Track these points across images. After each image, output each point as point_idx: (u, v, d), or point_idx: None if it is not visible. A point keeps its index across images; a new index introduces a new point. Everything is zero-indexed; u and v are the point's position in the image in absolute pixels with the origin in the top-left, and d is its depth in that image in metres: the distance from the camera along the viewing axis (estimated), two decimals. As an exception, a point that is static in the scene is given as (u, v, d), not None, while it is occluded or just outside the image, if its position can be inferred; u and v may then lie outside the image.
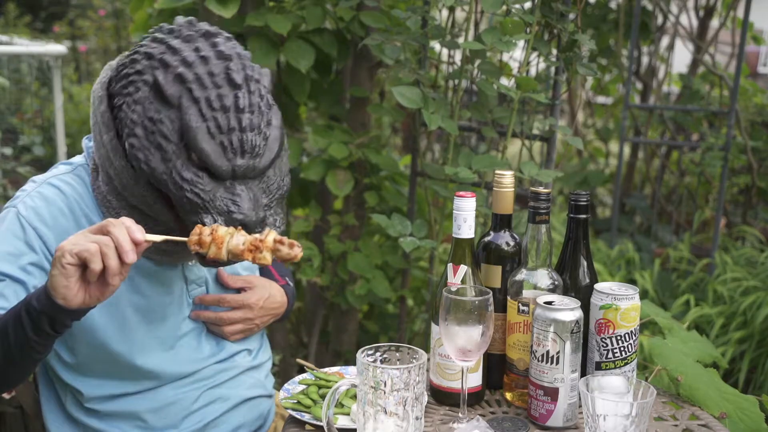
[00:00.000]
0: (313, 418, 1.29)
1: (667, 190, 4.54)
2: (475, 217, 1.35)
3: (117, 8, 6.88)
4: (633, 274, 3.46)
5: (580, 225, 1.37)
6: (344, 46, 2.55)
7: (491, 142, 3.02)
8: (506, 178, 1.37)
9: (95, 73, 6.96)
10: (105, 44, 7.07)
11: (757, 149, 3.88)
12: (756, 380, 2.98)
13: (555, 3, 2.07)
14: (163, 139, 1.20)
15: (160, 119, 1.20)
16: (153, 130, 1.20)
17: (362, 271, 2.49)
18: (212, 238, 1.16)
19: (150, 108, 1.20)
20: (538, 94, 2.02)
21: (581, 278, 1.38)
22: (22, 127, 4.25)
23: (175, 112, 1.19)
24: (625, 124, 3.74)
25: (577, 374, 1.27)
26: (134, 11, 2.63)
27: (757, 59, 8.06)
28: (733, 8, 4.08)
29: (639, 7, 3.60)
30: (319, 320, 2.83)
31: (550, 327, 1.25)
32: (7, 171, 4.02)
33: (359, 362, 1.12)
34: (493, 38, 2.00)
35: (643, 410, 1.09)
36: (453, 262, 1.34)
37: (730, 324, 3.10)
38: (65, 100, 5.13)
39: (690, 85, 4.13)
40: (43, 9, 8.89)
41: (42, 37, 7.24)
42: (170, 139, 1.19)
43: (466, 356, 1.23)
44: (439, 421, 1.32)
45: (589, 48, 2.06)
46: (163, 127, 1.19)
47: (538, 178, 2.10)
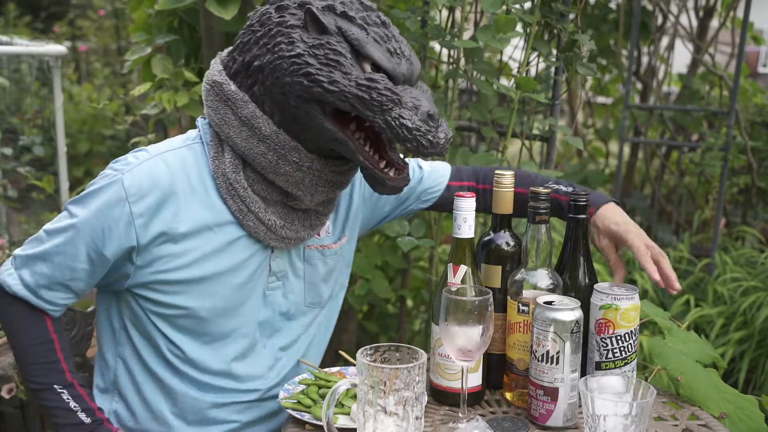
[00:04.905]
0: (313, 418, 1.29)
1: (667, 190, 4.54)
2: (475, 217, 1.35)
3: (117, 8, 6.88)
4: (633, 274, 3.47)
5: (580, 225, 1.37)
6: (344, 46, 2.54)
7: (491, 142, 3.02)
8: (506, 178, 1.37)
9: (95, 73, 6.96)
10: (105, 44, 7.06)
11: (757, 149, 3.89)
12: (756, 380, 2.98)
13: (555, 3, 2.07)
14: (338, 56, 1.24)
15: (327, 42, 1.25)
16: (324, 53, 1.24)
17: (362, 271, 2.49)
18: None
19: (311, 39, 1.25)
20: (538, 94, 2.02)
21: (581, 278, 1.38)
22: (22, 127, 4.25)
23: (336, 36, 1.26)
24: (625, 124, 3.74)
25: (577, 374, 1.27)
26: (133, 11, 2.63)
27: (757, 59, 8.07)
28: (733, 8, 4.08)
29: (639, 7, 3.61)
30: (319, 320, 2.83)
31: (550, 327, 1.25)
32: (7, 171, 4.02)
33: (359, 362, 1.12)
34: (487, 37, 2.01)
35: (643, 410, 1.09)
36: (453, 262, 1.34)
37: (730, 324, 3.10)
38: (65, 100, 5.13)
39: (690, 85, 4.14)
40: (43, 9, 8.89)
41: (42, 37, 7.24)
42: (345, 55, 1.25)
43: (466, 356, 1.23)
44: (439, 421, 1.32)
45: (589, 48, 2.06)
46: (333, 47, 1.25)
47: (538, 178, 2.09)
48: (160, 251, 1.32)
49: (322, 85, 1.24)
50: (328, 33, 1.26)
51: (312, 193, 1.35)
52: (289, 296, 1.46)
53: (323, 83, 1.24)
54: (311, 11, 1.25)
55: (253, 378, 1.45)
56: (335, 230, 1.52)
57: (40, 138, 4.21)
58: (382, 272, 2.57)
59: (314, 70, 1.24)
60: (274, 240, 1.38)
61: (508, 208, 1.39)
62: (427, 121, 1.24)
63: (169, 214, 1.31)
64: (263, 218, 1.35)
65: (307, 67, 1.24)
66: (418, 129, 1.23)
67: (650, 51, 4.40)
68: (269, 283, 1.43)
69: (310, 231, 1.41)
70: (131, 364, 1.43)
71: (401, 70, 1.27)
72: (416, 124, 1.23)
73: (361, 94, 1.23)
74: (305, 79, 1.24)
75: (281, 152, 1.30)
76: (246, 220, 1.35)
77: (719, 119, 4.12)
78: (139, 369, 1.43)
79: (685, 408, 1.40)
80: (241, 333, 1.42)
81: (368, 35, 1.26)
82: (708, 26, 4.23)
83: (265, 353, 1.46)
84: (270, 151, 1.30)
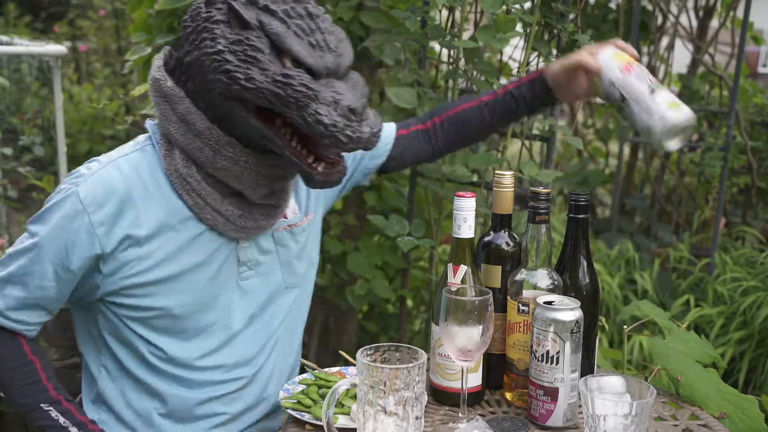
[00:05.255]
0: (313, 418, 1.29)
1: (667, 190, 4.54)
2: (475, 217, 1.35)
3: (117, 8, 6.88)
4: (633, 274, 3.47)
5: (579, 225, 1.37)
6: (344, 46, 2.54)
7: (491, 142, 3.01)
8: (506, 178, 1.37)
9: (95, 73, 6.96)
10: (105, 44, 7.06)
11: (757, 149, 3.89)
12: (756, 380, 2.98)
13: (555, 3, 2.07)
14: (256, 52, 1.23)
15: (246, 38, 1.24)
16: (243, 49, 1.24)
17: (362, 271, 2.49)
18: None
19: (232, 35, 1.25)
20: (538, 94, 2.02)
21: (581, 278, 1.38)
22: (22, 127, 4.25)
23: (257, 30, 1.24)
24: (625, 124, 3.74)
25: (577, 374, 1.27)
26: (133, 11, 2.63)
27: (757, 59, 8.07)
28: (733, 8, 4.08)
29: (639, 7, 3.61)
30: (319, 320, 2.83)
31: (550, 327, 1.25)
32: (7, 171, 4.02)
33: (359, 362, 1.12)
34: (487, 37, 2.00)
35: (643, 410, 1.09)
36: (453, 262, 1.34)
37: (730, 324, 3.10)
38: (65, 100, 5.13)
39: (690, 85, 4.14)
40: (43, 9, 8.89)
41: (42, 37, 7.24)
42: (263, 51, 1.23)
43: (466, 356, 1.23)
44: (439, 421, 1.32)
45: (589, 48, 2.06)
46: (252, 43, 1.24)
47: (538, 178, 2.10)
48: (125, 256, 1.32)
49: (239, 82, 1.23)
50: (249, 28, 1.24)
51: (253, 186, 1.34)
52: (268, 281, 1.47)
53: (240, 80, 1.23)
54: (232, 6, 1.24)
55: (238, 366, 1.45)
56: (301, 208, 1.52)
57: (40, 138, 4.21)
58: (382, 272, 2.56)
59: (232, 67, 1.23)
60: (234, 231, 1.37)
61: (508, 208, 1.39)
62: (347, 116, 1.22)
63: (129, 220, 1.31)
64: (220, 209, 1.34)
65: (226, 64, 1.24)
66: (335, 125, 1.21)
67: (650, 51, 4.40)
68: (240, 273, 1.43)
69: (270, 220, 1.41)
70: (114, 373, 1.43)
71: (325, 63, 1.25)
72: (333, 120, 1.21)
73: (277, 91, 1.22)
74: (224, 76, 1.24)
75: (216, 147, 1.30)
76: (203, 213, 1.35)
77: (719, 119, 4.12)
78: (122, 376, 1.43)
79: (685, 408, 1.40)
80: (219, 325, 1.42)
81: (289, 29, 1.24)
82: (708, 26, 4.23)
83: (248, 340, 1.46)
84: (206, 147, 1.31)
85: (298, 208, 1.52)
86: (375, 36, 2.36)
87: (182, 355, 1.40)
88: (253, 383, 1.48)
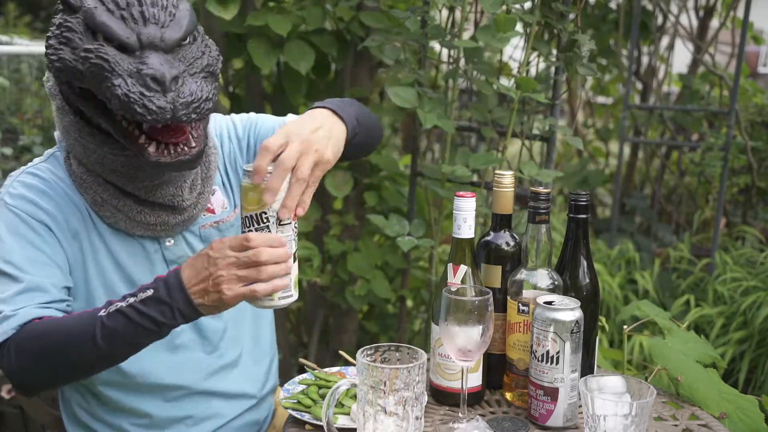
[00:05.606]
0: (313, 418, 1.29)
1: (667, 190, 4.54)
2: (475, 217, 1.35)
3: (117, 8, 6.86)
4: (633, 274, 3.47)
5: (580, 225, 1.37)
6: (344, 46, 2.55)
7: (491, 142, 3.02)
8: (506, 178, 1.37)
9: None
10: (105, 44, 7.06)
11: (757, 149, 3.89)
12: (756, 380, 2.98)
13: (555, 3, 2.07)
14: (70, 32, 1.21)
15: (65, 20, 1.23)
16: (60, 32, 1.23)
17: (362, 271, 2.49)
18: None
19: (59, 20, 1.24)
20: (538, 94, 2.02)
21: (581, 278, 1.38)
22: (22, 127, 4.25)
23: (79, 12, 1.22)
24: (625, 124, 3.74)
25: (577, 374, 1.27)
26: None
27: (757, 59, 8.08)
28: (733, 8, 4.08)
29: (639, 7, 3.61)
30: (319, 320, 2.83)
31: (550, 327, 1.25)
32: (7, 171, 4.02)
33: (359, 362, 1.12)
34: (486, 37, 2.01)
35: (643, 410, 1.09)
36: (453, 262, 1.34)
37: (730, 324, 3.10)
38: (65, 100, 5.11)
39: (690, 85, 4.14)
40: (43, 9, 8.89)
41: (42, 37, 7.23)
42: (75, 30, 1.21)
43: (466, 356, 1.23)
44: (439, 421, 1.32)
45: (589, 48, 2.06)
46: (68, 25, 1.22)
47: (538, 178, 2.10)
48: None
49: (54, 64, 1.23)
50: (74, 11, 1.23)
51: (132, 180, 1.30)
52: None
53: (55, 62, 1.22)
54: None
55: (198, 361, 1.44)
56: (230, 202, 1.49)
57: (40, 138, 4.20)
58: (382, 272, 2.57)
59: (51, 51, 1.23)
60: (138, 228, 1.35)
61: (508, 208, 1.39)
62: (148, 85, 1.14)
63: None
64: (118, 205, 1.32)
65: (49, 48, 1.24)
66: (128, 95, 1.13)
67: (650, 51, 4.40)
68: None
69: (177, 216, 1.37)
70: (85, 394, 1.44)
71: (136, 35, 1.18)
72: (127, 90, 1.14)
73: (79, 67, 1.20)
74: (48, 62, 1.24)
75: (81, 140, 1.30)
76: (103, 211, 1.33)
77: (719, 119, 4.12)
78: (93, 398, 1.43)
79: (685, 408, 1.40)
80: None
81: (102, 5, 1.20)
82: (708, 26, 4.23)
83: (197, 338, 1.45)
84: (76, 142, 1.31)
85: (227, 201, 1.48)
86: (375, 36, 2.36)
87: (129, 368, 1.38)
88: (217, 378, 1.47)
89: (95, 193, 1.32)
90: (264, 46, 2.35)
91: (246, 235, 1.16)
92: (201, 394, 1.45)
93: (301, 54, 2.36)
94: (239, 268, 1.15)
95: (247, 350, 1.53)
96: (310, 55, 2.36)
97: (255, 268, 1.15)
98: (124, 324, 1.17)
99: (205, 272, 1.16)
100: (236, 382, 1.50)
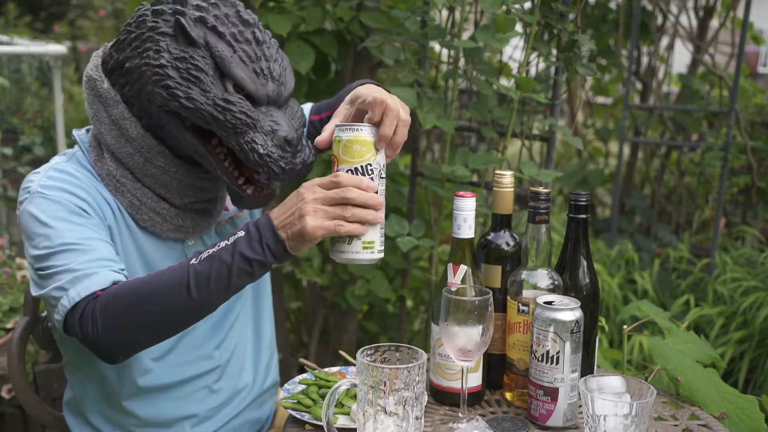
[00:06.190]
0: (313, 418, 1.29)
1: (667, 190, 4.54)
2: (475, 217, 1.35)
3: (117, 8, 6.88)
4: (633, 274, 3.47)
5: (580, 225, 1.37)
6: (344, 46, 2.55)
7: (491, 142, 3.02)
8: (506, 178, 1.37)
9: (95, 73, 6.95)
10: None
11: (757, 149, 3.89)
12: (756, 380, 2.98)
13: (555, 3, 2.07)
14: (199, 72, 1.23)
15: (191, 56, 1.24)
16: (186, 67, 1.23)
17: (362, 271, 2.49)
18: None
19: (177, 51, 1.24)
20: (538, 94, 2.02)
21: (581, 278, 1.38)
22: (22, 127, 4.25)
23: (203, 50, 1.24)
24: (624, 124, 3.74)
25: (577, 374, 1.27)
26: (133, 11, 2.64)
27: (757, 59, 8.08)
28: (732, 8, 4.08)
29: (639, 7, 3.61)
30: (319, 320, 2.83)
31: (550, 327, 1.25)
32: (7, 171, 4.02)
33: (359, 362, 1.12)
34: (486, 37, 2.00)
35: (643, 410, 1.09)
36: (453, 262, 1.34)
37: (730, 324, 3.10)
38: (65, 100, 5.13)
39: (690, 85, 4.14)
40: (43, 9, 8.89)
41: (42, 37, 7.25)
42: (206, 72, 1.24)
43: (466, 356, 1.23)
44: (439, 421, 1.32)
45: (589, 48, 2.06)
46: (196, 63, 1.24)
47: (538, 178, 2.10)
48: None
49: (179, 99, 1.23)
50: (195, 46, 1.24)
51: (180, 196, 1.35)
52: None
53: (180, 98, 1.23)
54: (180, 22, 1.24)
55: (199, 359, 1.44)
56: None
57: (40, 138, 4.21)
58: (382, 272, 2.57)
59: (174, 83, 1.24)
60: (172, 231, 1.37)
61: (508, 208, 1.39)
62: (283, 146, 1.24)
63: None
64: (156, 208, 1.34)
65: (167, 79, 1.24)
66: (270, 155, 1.23)
67: (650, 51, 4.40)
68: None
69: (209, 219, 1.41)
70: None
71: (266, 91, 1.26)
72: (269, 150, 1.23)
73: (217, 115, 1.23)
74: (165, 91, 1.24)
75: (147, 156, 1.31)
76: (140, 214, 1.34)
77: (719, 119, 4.13)
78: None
79: (685, 408, 1.40)
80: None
81: (235, 53, 1.25)
82: (708, 26, 4.23)
83: (207, 334, 1.45)
84: (137, 153, 1.31)
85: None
86: (375, 36, 2.36)
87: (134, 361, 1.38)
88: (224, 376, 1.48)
89: (133, 196, 1.33)
90: (264, 46, 2.35)
91: (336, 173, 1.18)
92: (205, 390, 1.46)
93: (301, 54, 2.36)
94: (325, 203, 1.16)
95: (250, 344, 1.54)
96: (310, 55, 2.36)
97: (341, 206, 1.16)
98: (218, 267, 1.17)
99: (292, 206, 1.18)
100: (239, 376, 1.51)
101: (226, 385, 1.48)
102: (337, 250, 1.21)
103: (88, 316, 1.19)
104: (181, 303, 1.17)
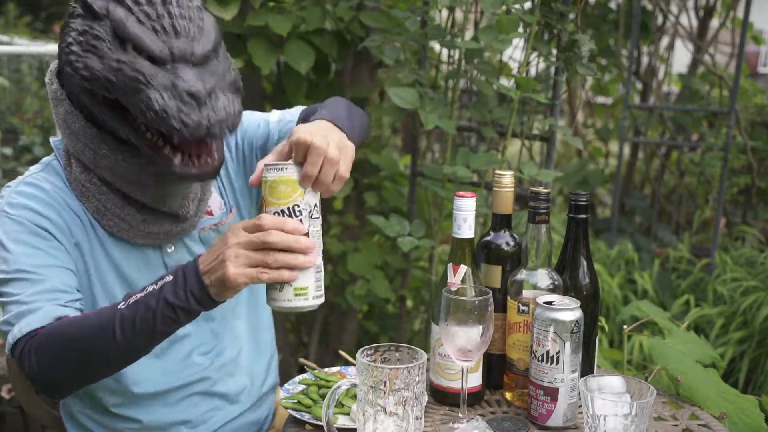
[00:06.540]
0: (313, 418, 1.29)
1: (667, 190, 4.54)
2: (475, 217, 1.35)
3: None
4: (633, 274, 3.47)
5: (580, 225, 1.37)
6: (344, 46, 2.55)
7: (491, 142, 3.02)
8: (506, 178, 1.37)
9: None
10: (105, 44, 7.06)
11: (757, 149, 3.89)
12: (756, 380, 2.98)
13: (555, 3, 2.07)
14: (97, 41, 1.19)
15: (92, 27, 1.20)
16: (86, 39, 1.20)
17: (362, 271, 2.49)
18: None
19: (83, 27, 1.21)
20: (538, 94, 2.02)
21: (581, 278, 1.38)
22: (22, 127, 4.25)
23: (105, 20, 1.20)
24: (625, 124, 3.74)
25: (577, 374, 1.27)
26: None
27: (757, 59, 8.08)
28: (733, 8, 4.08)
29: (639, 7, 3.61)
30: (319, 320, 2.83)
31: (550, 327, 1.25)
32: (7, 171, 4.02)
33: (359, 362, 1.12)
34: (489, 37, 2.01)
35: (643, 410, 1.09)
36: (453, 262, 1.34)
37: (730, 324, 3.10)
38: (65, 100, 5.12)
39: (690, 85, 4.14)
40: (43, 9, 8.89)
41: (42, 37, 7.24)
42: (103, 39, 1.19)
43: (466, 356, 1.23)
44: (439, 421, 1.32)
45: (589, 48, 2.06)
46: (95, 32, 1.20)
47: (538, 178, 2.10)
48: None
49: (80, 72, 1.21)
50: (99, 18, 1.20)
51: (141, 189, 1.29)
52: None
53: (80, 70, 1.20)
54: (84, 2, 1.21)
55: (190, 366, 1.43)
56: (226, 204, 1.48)
57: (40, 138, 4.21)
58: (382, 272, 2.57)
59: (75, 57, 1.21)
60: (141, 237, 1.34)
61: (508, 208, 1.39)
62: (183, 99, 1.15)
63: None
64: (121, 214, 1.32)
65: (71, 55, 1.22)
66: (166, 110, 1.14)
67: (650, 51, 4.40)
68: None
69: (181, 224, 1.36)
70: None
71: (169, 48, 1.18)
72: (164, 105, 1.15)
73: (111, 77, 1.18)
74: (69, 67, 1.22)
75: (93, 147, 1.28)
76: (105, 220, 1.32)
77: (719, 119, 4.13)
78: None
79: (685, 408, 1.40)
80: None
81: (132, 14, 1.18)
82: (708, 26, 4.23)
83: (200, 341, 1.44)
84: (86, 148, 1.29)
85: (223, 203, 1.47)
86: (375, 36, 2.36)
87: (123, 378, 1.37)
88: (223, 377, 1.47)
89: (98, 201, 1.32)
90: (264, 46, 2.35)
91: (259, 216, 1.13)
92: (201, 395, 1.45)
93: (301, 54, 2.36)
94: (247, 248, 1.10)
95: (246, 348, 1.53)
96: (310, 55, 2.36)
97: (263, 252, 1.10)
98: (143, 312, 1.15)
99: (217, 250, 1.14)
100: (236, 380, 1.50)
101: (221, 390, 1.48)
102: (270, 298, 1.15)
103: (26, 353, 1.21)
104: (107, 346, 1.17)
